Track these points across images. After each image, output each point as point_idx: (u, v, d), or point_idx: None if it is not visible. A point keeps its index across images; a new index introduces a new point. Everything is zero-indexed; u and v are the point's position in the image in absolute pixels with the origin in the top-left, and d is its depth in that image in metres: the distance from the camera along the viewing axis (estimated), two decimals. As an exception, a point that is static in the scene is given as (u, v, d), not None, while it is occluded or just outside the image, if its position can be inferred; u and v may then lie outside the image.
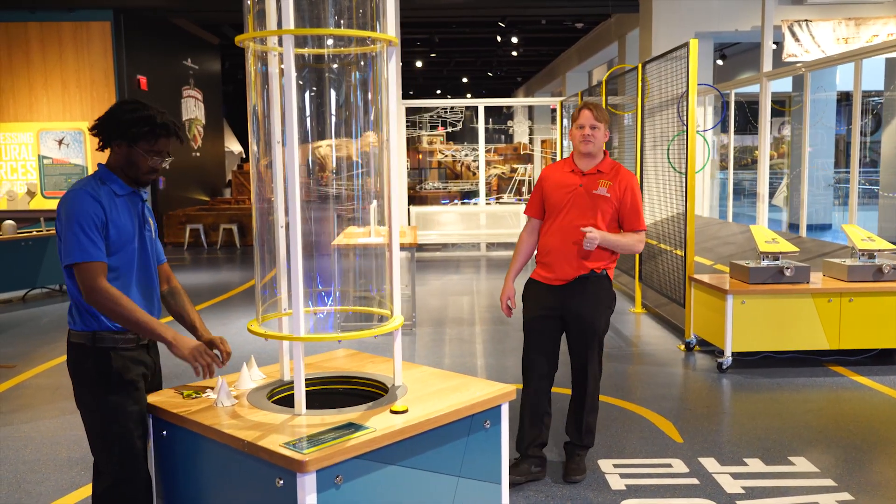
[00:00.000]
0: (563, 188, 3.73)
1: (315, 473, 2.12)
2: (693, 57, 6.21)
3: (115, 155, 2.60)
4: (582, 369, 3.81)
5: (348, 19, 2.55)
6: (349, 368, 2.97)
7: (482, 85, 30.95)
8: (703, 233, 10.37)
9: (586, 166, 3.74)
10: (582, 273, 3.69)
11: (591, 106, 3.68)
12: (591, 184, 3.70)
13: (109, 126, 2.58)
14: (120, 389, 2.53)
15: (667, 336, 6.89)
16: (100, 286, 2.44)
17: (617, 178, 3.71)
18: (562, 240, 3.69)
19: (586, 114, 3.67)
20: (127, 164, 2.58)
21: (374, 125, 2.70)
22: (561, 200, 3.72)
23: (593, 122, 3.66)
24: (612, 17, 15.84)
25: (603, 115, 3.68)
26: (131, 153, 2.57)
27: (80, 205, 2.47)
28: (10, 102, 12.79)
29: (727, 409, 4.94)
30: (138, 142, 2.55)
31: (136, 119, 2.55)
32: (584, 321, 3.72)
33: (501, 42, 19.34)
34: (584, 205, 3.68)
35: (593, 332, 3.74)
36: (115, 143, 2.58)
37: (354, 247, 7.20)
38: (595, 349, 3.77)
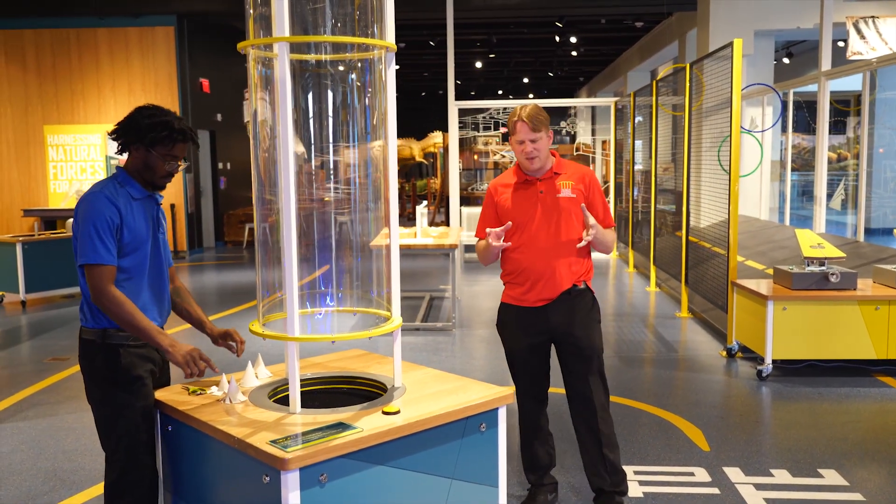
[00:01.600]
0: (523, 200, 3.35)
1: (298, 471, 2.17)
2: (737, 56, 6.07)
3: (133, 159, 2.69)
4: (585, 400, 3.39)
5: (347, 26, 2.60)
6: (354, 369, 3.02)
7: (543, 85, 30.78)
8: (757, 236, 10.12)
9: (539, 172, 3.36)
10: (564, 289, 3.33)
11: (524, 118, 3.24)
12: (552, 188, 3.33)
13: (128, 130, 2.67)
14: (128, 385, 2.63)
15: (710, 342, 6.75)
16: (107, 290, 2.54)
17: (577, 176, 3.37)
18: (536, 255, 3.32)
19: (521, 127, 3.25)
20: (144, 167, 2.67)
21: (374, 130, 2.74)
22: (525, 212, 3.33)
23: (532, 136, 3.25)
24: (672, 16, 15.56)
25: (541, 121, 3.26)
26: (148, 157, 2.66)
27: (96, 207, 2.58)
28: (80, 105, 13.31)
29: (761, 418, 4.82)
30: (156, 146, 2.64)
31: (155, 124, 2.63)
32: (580, 341, 3.35)
33: (560, 42, 19.20)
34: (551, 212, 3.31)
35: (592, 352, 3.37)
36: (133, 146, 2.68)
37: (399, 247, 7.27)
38: (597, 373, 3.39)
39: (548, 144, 3.33)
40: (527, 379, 3.47)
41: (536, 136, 3.26)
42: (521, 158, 3.34)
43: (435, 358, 6.22)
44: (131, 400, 2.63)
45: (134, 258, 2.65)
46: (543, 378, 3.50)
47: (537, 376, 3.48)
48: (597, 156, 18.44)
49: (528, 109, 3.27)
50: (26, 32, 13.23)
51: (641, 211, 10.39)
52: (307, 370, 2.99)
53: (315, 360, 3.13)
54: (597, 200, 3.40)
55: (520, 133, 3.27)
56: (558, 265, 3.32)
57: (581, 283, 3.38)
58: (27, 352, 6.82)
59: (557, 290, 3.33)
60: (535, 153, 3.28)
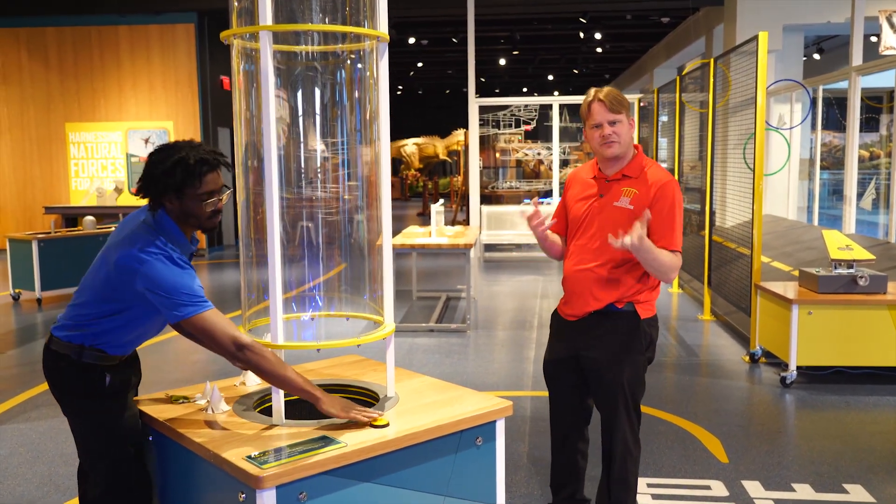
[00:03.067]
0: (583, 200, 3.00)
1: (275, 489, 2.03)
2: (762, 50, 5.84)
3: (171, 211, 2.41)
4: (609, 433, 2.98)
5: (338, 15, 2.46)
6: (348, 376, 2.88)
7: (569, 82, 30.47)
8: (784, 237, 9.84)
9: (611, 170, 2.94)
10: (596, 308, 2.92)
11: (601, 97, 2.85)
12: (612, 193, 2.92)
13: (150, 186, 2.38)
14: (106, 399, 2.47)
15: (733, 346, 6.52)
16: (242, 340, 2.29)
17: (646, 184, 2.88)
18: (576, 264, 2.97)
19: (598, 108, 2.84)
20: (184, 216, 2.40)
21: (363, 124, 2.59)
22: (578, 215, 2.99)
23: (611, 117, 2.83)
24: (699, 11, 15.25)
25: (621, 102, 2.85)
26: (183, 205, 2.38)
27: (176, 277, 2.30)
28: (101, 103, 13.34)
29: (783, 428, 4.61)
30: (183, 190, 2.36)
31: (168, 170, 2.34)
32: (600, 369, 2.93)
33: (585, 38, 18.95)
34: (601, 221, 2.91)
35: (615, 388, 2.91)
36: (165, 199, 2.39)
37: (412, 247, 7.14)
38: (622, 412, 2.92)
39: (630, 131, 2.88)
40: (554, 397, 3.16)
41: (616, 118, 2.83)
42: (596, 146, 2.89)
43: (447, 360, 6.07)
44: (112, 413, 2.47)
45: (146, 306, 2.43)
46: (573, 401, 3.10)
47: (565, 397, 3.11)
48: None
49: (605, 90, 2.88)
50: (48, 30, 13.28)
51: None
52: (299, 377, 2.85)
53: (308, 367, 3.00)
54: (658, 216, 2.84)
55: (596, 115, 2.85)
56: (595, 281, 2.91)
57: (623, 304, 2.90)
58: (40, 350, 6.76)
59: (587, 307, 2.93)
60: (614, 136, 2.84)
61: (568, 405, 3.13)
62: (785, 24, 11.40)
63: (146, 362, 6.15)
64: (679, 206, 2.89)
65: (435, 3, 14.17)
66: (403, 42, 18.95)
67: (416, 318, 7.77)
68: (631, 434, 2.97)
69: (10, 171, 13.50)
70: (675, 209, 2.87)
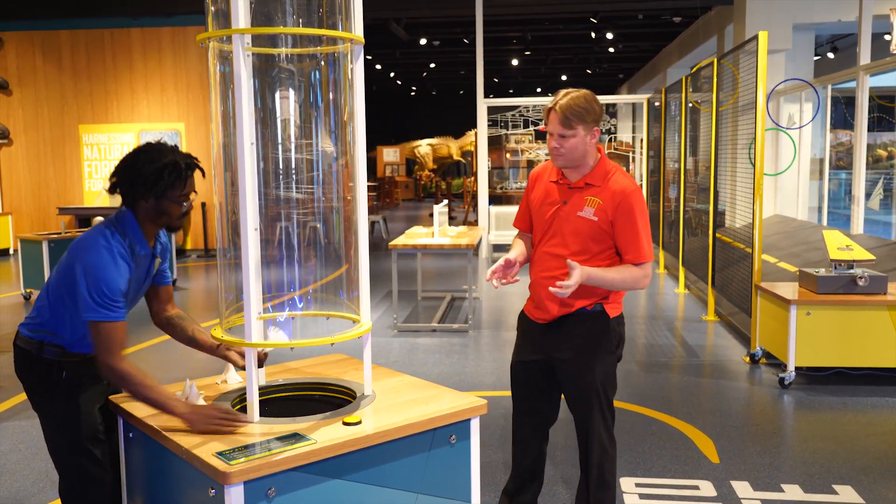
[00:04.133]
0: (548, 205, 2.93)
1: (242, 485, 2.06)
2: (762, 50, 5.81)
3: (144, 210, 2.48)
4: (584, 436, 2.96)
5: (314, 18, 2.49)
6: (330, 375, 2.90)
7: (582, 82, 30.38)
8: (792, 237, 9.79)
9: (574, 176, 2.88)
10: (566, 312, 2.89)
11: (557, 109, 2.77)
12: (575, 202, 2.86)
13: (133, 182, 2.45)
14: (68, 396, 2.52)
15: (735, 347, 6.50)
16: (116, 361, 2.36)
17: (609, 193, 2.82)
18: (543, 268, 2.94)
19: (552, 118, 2.79)
20: (157, 215, 2.48)
21: (338, 126, 2.62)
22: (544, 220, 2.94)
23: (561, 130, 2.77)
24: (711, 11, 15.18)
25: (577, 114, 2.74)
26: (161, 205, 2.46)
27: (110, 273, 2.36)
28: (113, 104, 13.48)
29: (778, 429, 4.59)
30: (166, 192, 2.44)
31: (160, 169, 2.42)
32: (574, 372, 2.91)
33: (597, 38, 18.91)
34: (566, 230, 2.86)
35: (589, 388, 2.88)
36: (142, 198, 2.46)
37: (414, 247, 7.17)
38: (597, 412, 2.90)
39: (583, 144, 2.79)
40: (517, 399, 3.12)
41: (567, 133, 2.76)
42: (549, 151, 2.86)
43: (446, 360, 6.09)
44: (68, 409, 2.52)
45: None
46: (539, 404, 3.08)
47: (530, 400, 3.09)
48: (636, 155, 18.11)
49: (567, 98, 2.77)
50: (62, 33, 13.43)
51: (673, 210, 10.12)
52: (281, 375, 2.89)
53: (291, 366, 3.03)
54: (623, 229, 2.81)
55: (549, 124, 2.81)
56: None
57: (593, 306, 2.89)
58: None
59: (555, 312, 2.91)
60: (561, 150, 2.79)
61: (534, 407, 3.11)
62: (794, 22, 11.33)
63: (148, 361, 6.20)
64: (642, 214, 2.85)
65: (446, 4, 14.19)
66: (415, 43, 19.00)
67: (420, 318, 7.80)
68: (606, 434, 2.96)
69: (24, 173, 13.68)
70: (639, 220, 2.83)
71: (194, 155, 2.56)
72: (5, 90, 13.56)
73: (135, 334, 6.55)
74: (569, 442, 4.03)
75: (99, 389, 2.61)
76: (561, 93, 2.83)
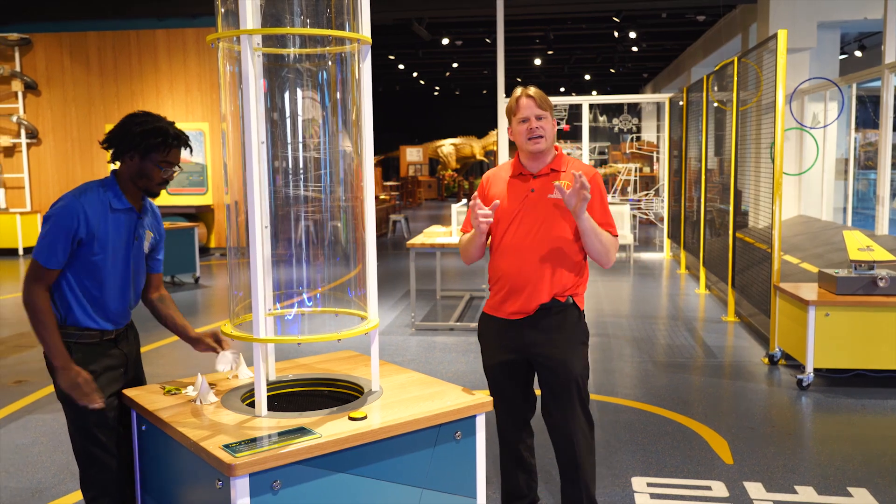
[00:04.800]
0: (512, 197, 3.00)
1: (248, 477, 2.10)
2: (781, 49, 5.77)
3: (127, 167, 2.63)
4: (564, 430, 3.03)
5: (322, 18, 2.52)
6: (339, 371, 2.94)
7: (607, 81, 30.29)
8: (817, 238, 9.69)
9: (537, 167, 3.00)
10: (542, 302, 2.96)
11: (529, 94, 2.95)
12: (545, 187, 2.97)
13: (121, 138, 2.61)
14: None
15: (754, 348, 6.45)
16: (34, 290, 2.54)
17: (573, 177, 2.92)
18: (515, 261, 2.98)
19: (526, 103, 2.94)
20: (139, 175, 2.62)
21: (346, 125, 2.65)
22: (509, 211, 3.00)
23: (538, 112, 2.93)
24: (736, 9, 15.06)
25: (546, 101, 2.96)
26: (143, 165, 2.60)
27: (64, 214, 2.53)
28: (139, 104, 13.65)
29: (794, 430, 4.56)
30: (150, 153, 2.59)
31: (148, 131, 2.58)
32: (555, 364, 2.98)
33: (620, 37, 18.82)
34: (538, 214, 2.96)
35: (568, 377, 2.98)
36: (126, 155, 2.62)
37: (432, 246, 7.20)
38: (576, 399, 3.00)
39: (553, 129, 2.99)
40: (502, 400, 3.14)
41: (542, 114, 2.94)
42: (522, 140, 2.97)
43: (462, 359, 6.11)
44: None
45: (101, 260, 2.59)
46: (521, 401, 3.16)
47: (513, 399, 3.14)
48: (661, 155, 18.03)
49: (532, 88, 3.00)
50: (90, 34, 13.64)
51: (695, 211, 10.05)
52: (291, 371, 2.93)
53: (302, 361, 3.07)
54: (595, 205, 2.96)
55: (524, 110, 2.94)
56: (539, 275, 2.95)
57: (565, 297, 2.98)
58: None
59: (534, 303, 2.97)
60: (541, 131, 2.93)
61: (518, 407, 3.16)
62: (819, 20, 11.20)
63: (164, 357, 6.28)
64: (605, 194, 3.06)
65: (467, 4, 14.21)
66: (437, 43, 19.03)
67: (438, 316, 7.83)
68: (586, 422, 3.06)
69: (52, 172, 13.91)
70: (605, 197, 3.04)
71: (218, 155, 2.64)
72: (34, 90, 13.80)
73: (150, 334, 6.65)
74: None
75: (112, 376, 2.67)
76: (520, 87, 3.03)
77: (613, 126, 14.39)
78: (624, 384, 5.40)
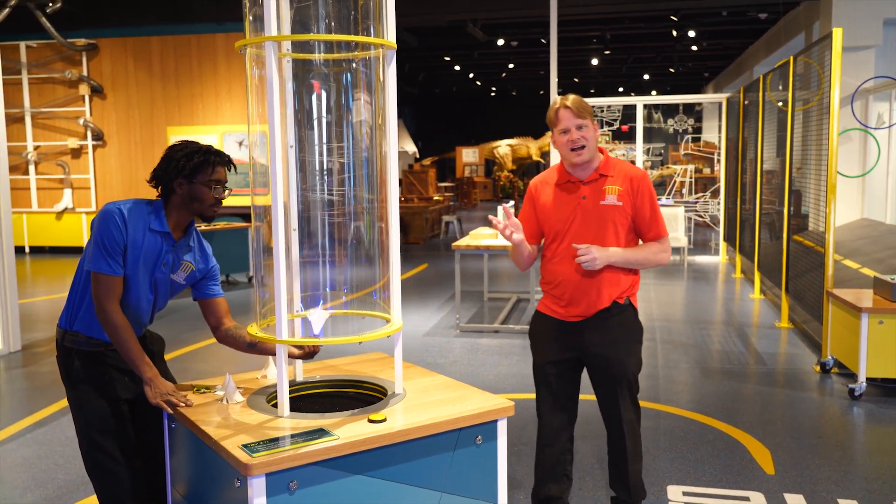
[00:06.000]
0: (563, 205, 3.05)
1: (264, 477, 2.13)
2: (836, 48, 5.59)
3: (179, 196, 2.67)
4: (615, 416, 3.13)
5: (348, 24, 2.55)
6: (366, 372, 2.96)
7: (666, 81, 29.79)
8: (879, 242, 9.35)
9: (584, 173, 3.04)
10: (603, 306, 3.02)
11: (567, 104, 2.96)
12: (596, 193, 3.01)
13: (166, 168, 2.66)
14: (80, 387, 2.67)
15: (806, 356, 6.27)
16: (108, 308, 2.56)
17: (626, 180, 3.02)
18: (573, 267, 3.02)
19: (565, 114, 2.96)
20: (190, 199, 2.65)
21: (370, 128, 2.67)
22: (563, 219, 3.04)
23: (577, 122, 2.95)
24: (800, 6, 14.64)
25: (585, 109, 2.97)
26: (193, 189, 2.64)
27: (105, 222, 2.58)
28: (199, 107, 13.99)
29: (842, 442, 4.41)
30: (196, 174, 2.64)
31: (190, 153, 2.65)
32: (610, 364, 3.05)
33: (679, 36, 18.49)
34: (591, 221, 3.01)
35: (622, 376, 3.07)
36: (174, 182, 2.65)
37: (477, 248, 7.19)
38: (627, 395, 3.11)
39: (595, 136, 3.01)
40: (549, 399, 3.17)
41: (582, 123, 2.96)
42: (565, 151, 3.00)
43: (505, 361, 6.09)
44: (79, 398, 2.68)
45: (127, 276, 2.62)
46: (568, 401, 3.18)
47: (561, 398, 3.17)
48: (720, 156, 17.65)
49: (570, 97, 3.02)
50: (153, 39, 14.02)
51: (751, 213, 9.82)
52: (319, 372, 2.96)
53: (330, 363, 3.11)
54: (645, 207, 3.02)
55: (563, 121, 2.97)
56: (597, 281, 3.00)
57: (623, 299, 3.05)
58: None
59: (594, 307, 3.03)
60: (582, 141, 2.95)
61: (564, 405, 3.18)
62: (885, 17, 10.81)
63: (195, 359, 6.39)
64: (655, 195, 3.09)
65: (521, 4, 14.15)
66: (493, 44, 19.00)
67: (483, 318, 7.82)
68: (635, 415, 3.16)
69: (116, 173, 14.35)
70: (655, 200, 3.07)
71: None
72: (100, 94, 14.25)
73: (180, 338, 6.80)
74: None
75: (121, 384, 2.71)
76: (559, 97, 3.04)
77: (669, 127, 14.13)
78: (668, 390, 5.30)
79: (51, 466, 4.16)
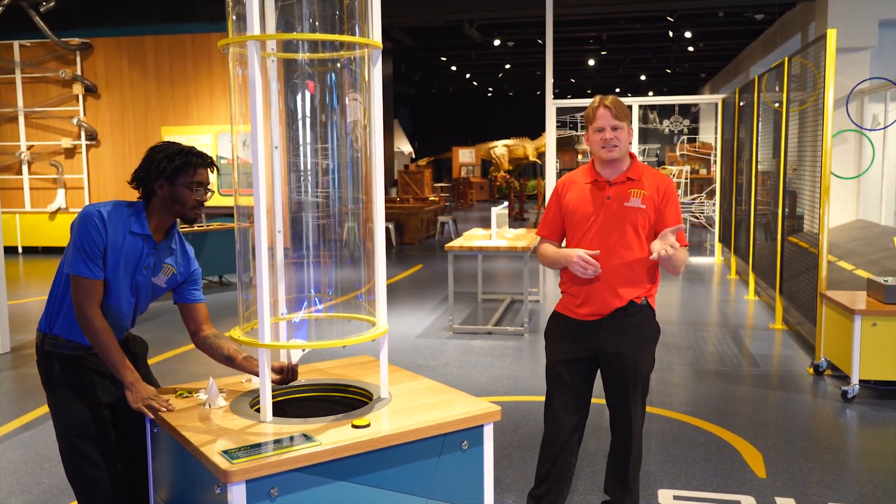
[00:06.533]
0: (588, 203, 3.06)
1: (245, 483, 2.10)
2: (830, 50, 5.57)
3: (160, 198, 2.61)
4: (625, 418, 3.13)
5: (333, 23, 2.51)
6: (352, 376, 2.93)
7: (663, 82, 29.78)
8: (874, 244, 9.33)
9: (612, 174, 3.05)
10: (619, 305, 3.03)
11: (607, 104, 2.99)
12: (621, 195, 3.02)
13: (147, 170, 2.61)
14: (58, 391, 2.64)
15: (800, 357, 6.25)
16: (88, 311, 2.52)
17: (652, 185, 3.04)
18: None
19: (603, 113, 2.98)
20: (172, 201, 2.60)
21: (355, 128, 2.64)
22: (586, 217, 3.06)
23: (614, 122, 2.97)
24: (796, 7, 14.63)
25: (624, 112, 2.99)
26: (174, 191, 2.60)
27: (85, 225, 2.53)
28: (193, 107, 13.95)
29: (834, 445, 4.39)
30: (178, 176, 2.59)
31: (171, 154, 2.60)
32: (625, 363, 3.05)
33: (675, 37, 18.48)
34: (614, 221, 3.02)
35: (636, 376, 3.07)
36: (156, 184, 2.60)
37: (471, 249, 7.16)
38: (639, 394, 3.11)
39: (627, 139, 3.03)
40: (561, 398, 3.15)
41: (619, 125, 2.98)
42: (597, 149, 3.03)
43: (498, 364, 6.05)
44: (59, 402, 2.65)
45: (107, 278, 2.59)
46: (580, 401, 3.16)
47: (574, 397, 3.14)
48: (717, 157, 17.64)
49: (612, 97, 3.03)
50: (147, 38, 13.98)
51: (745, 214, 9.79)
52: (304, 376, 2.93)
53: (317, 366, 3.07)
54: (670, 214, 3.02)
55: (600, 119, 2.99)
56: (616, 280, 3.02)
57: (641, 299, 3.06)
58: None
59: (611, 306, 3.03)
60: (615, 141, 2.98)
61: (574, 405, 3.15)
62: (881, 18, 10.80)
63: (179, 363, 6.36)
64: (679, 204, 3.11)
65: (518, 5, 14.12)
66: (489, 44, 18.97)
67: (477, 320, 7.79)
68: (643, 416, 3.17)
69: (110, 173, 14.30)
70: (679, 207, 3.08)
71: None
72: (94, 93, 14.20)
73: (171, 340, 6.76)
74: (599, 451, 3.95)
75: (101, 388, 2.67)
76: (599, 97, 3.06)
77: (665, 127, 14.12)
78: (661, 392, 5.27)
79: (36, 471, 4.12)
